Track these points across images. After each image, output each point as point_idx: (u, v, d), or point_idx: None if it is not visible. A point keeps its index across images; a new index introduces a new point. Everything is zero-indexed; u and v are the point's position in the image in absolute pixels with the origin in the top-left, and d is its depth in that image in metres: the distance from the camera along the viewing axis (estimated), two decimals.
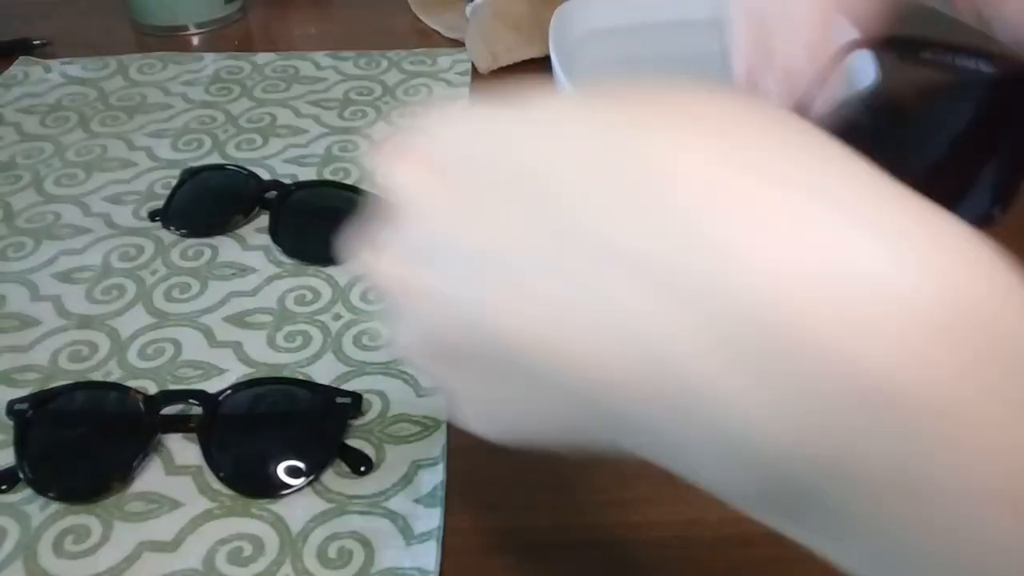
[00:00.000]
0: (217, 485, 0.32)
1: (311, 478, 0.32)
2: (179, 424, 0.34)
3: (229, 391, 0.34)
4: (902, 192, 0.15)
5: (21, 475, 0.32)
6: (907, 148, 0.29)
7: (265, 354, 0.37)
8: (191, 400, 0.34)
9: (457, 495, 0.32)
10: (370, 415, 0.34)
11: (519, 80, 0.64)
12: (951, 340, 0.13)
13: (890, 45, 0.30)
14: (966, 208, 0.29)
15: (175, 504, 0.32)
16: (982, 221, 0.28)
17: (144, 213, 0.45)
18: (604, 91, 0.17)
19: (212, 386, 0.35)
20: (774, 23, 0.29)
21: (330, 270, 0.42)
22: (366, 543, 0.30)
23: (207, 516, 0.31)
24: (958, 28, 0.29)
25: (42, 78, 0.57)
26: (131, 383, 0.35)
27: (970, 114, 0.29)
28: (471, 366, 0.18)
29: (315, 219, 0.43)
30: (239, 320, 0.39)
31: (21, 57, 0.59)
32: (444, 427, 0.34)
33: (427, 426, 0.34)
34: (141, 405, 0.33)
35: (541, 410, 0.18)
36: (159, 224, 0.45)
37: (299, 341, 0.38)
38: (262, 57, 0.59)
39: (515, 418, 0.19)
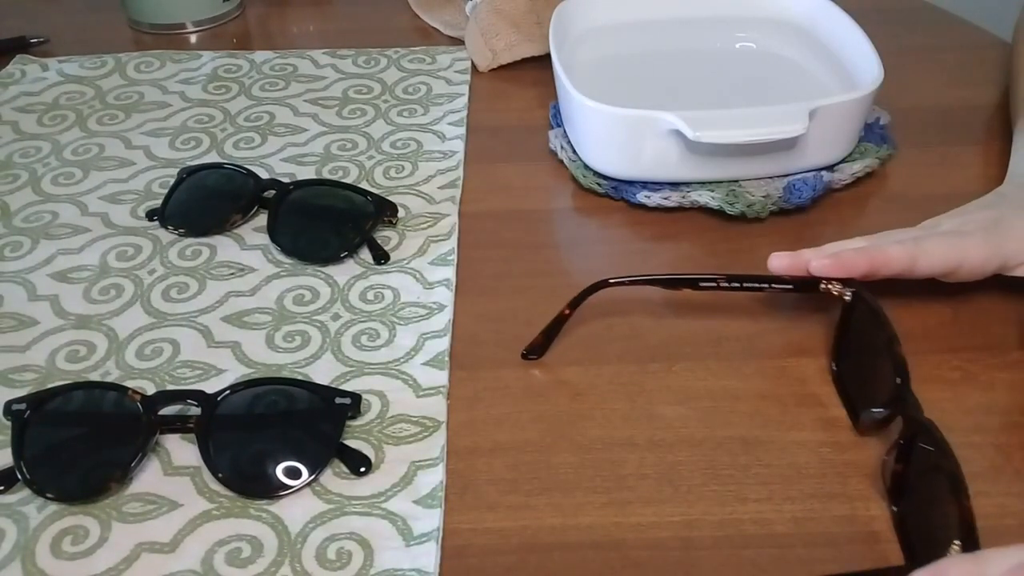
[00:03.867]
0: (215, 486, 0.32)
1: (310, 479, 0.32)
2: (177, 424, 0.34)
3: (227, 391, 0.34)
4: None
5: (19, 476, 0.32)
6: None
7: (264, 354, 0.37)
8: (189, 400, 0.34)
9: (456, 496, 0.32)
10: (369, 416, 0.34)
11: (519, 78, 0.63)
12: None
13: None
14: None
15: (173, 505, 0.32)
16: None
17: (142, 212, 0.45)
18: None
19: (210, 386, 0.35)
20: None
21: (329, 269, 0.42)
22: (365, 544, 0.30)
23: (205, 517, 0.31)
24: None
25: (39, 76, 0.57)
26: (129, 383, 0.35)
27: None
28: None
29: (314, 218, 0.43)
30: (237, 320, 0.39)
31: (18, 55, 0.59)
32: (443, 428, 0.34)
33: (426, 427, 0.34)
34: (139, 405, 0.33)
35: None
36: (157, 223, 0.44)
37: (298, 341, 0.38)
38: (260, 55, 0.59)
39: None
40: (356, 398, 0.34)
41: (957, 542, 0.26)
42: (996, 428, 0.34)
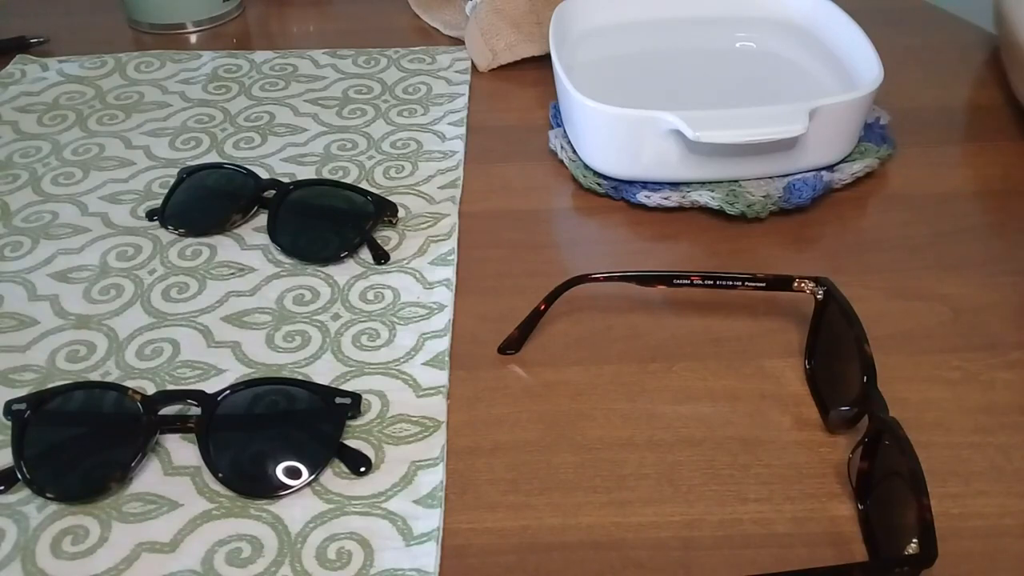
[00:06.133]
0: (216, 486, 0.32)
1: (310, 479, 0.32)
2: (177, 424, 0.34)
3: (227, 391, 0.34)
4: None
5: (19, 475, 0.32)
6: None
7: (264, 354, 0.37)
8: (189, 400, 0.34)
9: (456, 496, 0.32)
10: (369, 415, 0.35)
11: (519, 78, 0.64)
12: None
13: None
14: None
15: (173, 505, 0.32)
16: None
17: (142, 212, 0.45)
18: None
19: (210, 386, 0.35)
20: None
21: (329, 269, 0.42)
22: (365, 544, 0.30)
23: (205, 517, 0.31)
24: None
25: (39, 76, 0.57)
26: (129, 383, 0.35)
27: None
28: None
29: (314, 218, 0.43)
30: (237, 320, 0.39)
31: (18, 55, 0.59)
32: (443, 427, 0.34)
33: (426, 426, 0.34)
34: (139, 405, 0.33)
35: None
36: (157, 223, 0.45)
37: (298, 341, 0.38)
38: (260, 55, 0.59)
39: None
40: (356, 398, 0.34)
41: (915, 541, 0.27)
42: (996, 428, 0.34)
